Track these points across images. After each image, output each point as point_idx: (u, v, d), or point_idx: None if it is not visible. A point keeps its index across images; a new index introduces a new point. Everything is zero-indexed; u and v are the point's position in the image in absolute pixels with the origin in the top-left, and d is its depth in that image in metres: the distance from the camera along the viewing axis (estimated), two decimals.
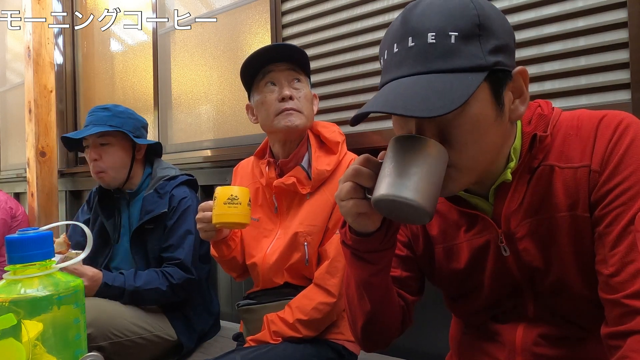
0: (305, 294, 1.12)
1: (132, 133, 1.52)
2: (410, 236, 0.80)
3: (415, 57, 0.57)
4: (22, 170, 2.95)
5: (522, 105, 0.62)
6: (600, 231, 0.60)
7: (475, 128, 0.58)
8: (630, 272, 0.55)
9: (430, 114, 0.52)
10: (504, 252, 0.69)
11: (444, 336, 0.90)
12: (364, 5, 1.64)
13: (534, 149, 0.64)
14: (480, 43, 0.56)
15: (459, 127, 0.57)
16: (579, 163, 0.62)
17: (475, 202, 0.71)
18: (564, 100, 1.25)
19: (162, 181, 1.52)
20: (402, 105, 0.53)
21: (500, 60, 0.57)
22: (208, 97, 2.29)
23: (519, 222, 0.66)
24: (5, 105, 3.50)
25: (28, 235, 0.57)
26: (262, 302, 1.18)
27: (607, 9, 1.19)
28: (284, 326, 1.10)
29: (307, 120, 1.18)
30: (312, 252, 1.14)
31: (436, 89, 0.54)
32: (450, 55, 0.55)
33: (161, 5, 2.49)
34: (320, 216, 1.14)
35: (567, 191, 0.63)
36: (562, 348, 0.69)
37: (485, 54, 0.56)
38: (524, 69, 0.61)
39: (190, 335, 1.50)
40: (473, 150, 0.59)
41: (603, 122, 0.61)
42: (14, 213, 2.37)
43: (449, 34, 0.55)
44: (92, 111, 1.54)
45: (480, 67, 0.56)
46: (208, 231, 1.10)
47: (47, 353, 0.55)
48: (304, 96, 1.19)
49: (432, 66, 0.56)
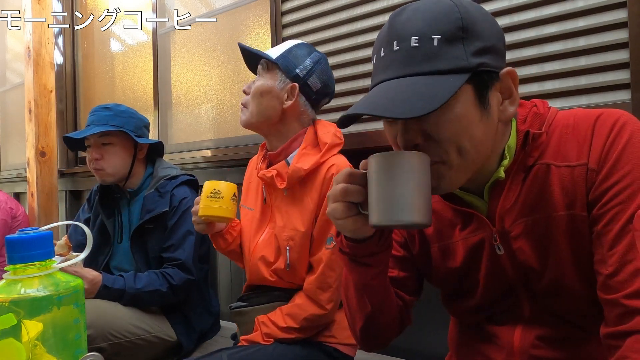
0: (298, 303, 1.12)
1: (133, 132, 1.52)
2: (406, 236, 0.80)
3: (400, 61, 0.58)
4: (22, 170, 2.95)
5: (511, 105, 0.63)
6: (598, 230, 0.59)
7: (459, 127, 0.58)
8: (629, 271, 0.55)
9: (409, 114, 0.53)
10: (497, 251, 0.69)
11: (443, 336, 0.90)
12: (364, 5, 1.64)
13: (528, 147, 0.64)
14: (464, 45, 0.57)
15: (442, 126, 0.58)
16: (576, 162, 0.61)
17: (470, 200, 0.71)
18: (564, 100, 1.25)
19: (163, 180, 1.52)
20: (385, 108, 0.55)
21: (485, 62, 0.58)
22: (208, 97, 2.29)
23: (514, 221, 0.66)
24: (5, 105, 3.50)
25: (28, 235, 0.57)
26: (253, 305, 1.18)
27: (607, 9, 1.19)
28: (275, 328, 1.10)
29: (252, 116, 1.16)
30: (294, 258, 1.11)
31: (417, 90, 0.55)
32: (433, 58, 0.57)
33: (161, 5, 2.49)
34: (300, 220, 1.11)
35: (564, 190, 0.62)
36: (560, 350, 0.68)
37: (469, 56, 0.57)
38: (512, 70, 0.61)
39: (190, 336, 1.50)
40: (459, 148, 0.59)
41: (599, 121, 0.61)
42: (14, 213, 2.37)
43: (431, 37, 0.57)
44: (93, 111, 1.54)
45: (463, 68, 0.57)
46: (199, 224, 1.15)
47: (47, 353, 0.55)
48: (254, 91, 1.16)
49: (416, 69, 0.57)
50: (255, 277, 1.20)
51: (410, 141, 0.60)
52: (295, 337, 1.10)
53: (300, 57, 1.16)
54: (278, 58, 1.15)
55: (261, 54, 1.16)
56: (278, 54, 1.16)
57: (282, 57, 1.15)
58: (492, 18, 0.62)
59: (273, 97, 1.15)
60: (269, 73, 1.16)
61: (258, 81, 1.16)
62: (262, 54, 1.16)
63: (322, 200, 1.09)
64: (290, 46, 1.17)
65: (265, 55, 1.16)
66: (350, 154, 1.23)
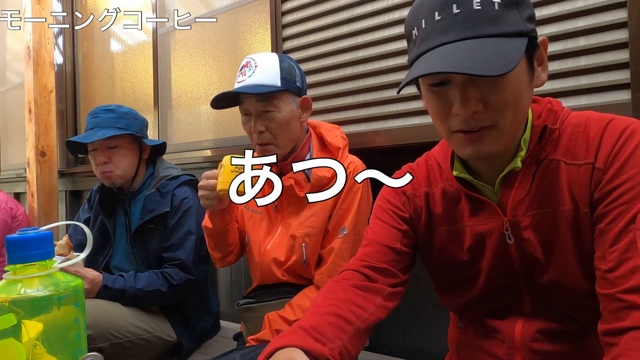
0: (307, 294, 1.13)
1: (138, 134, 1.52)
2: (412, 213, 0.81)
3: (463, 23, 0.58)
4: (22, 170, 2.95)
5: (543, 72, 0.66)
6: (601, 228, 0.60)
7: (516, 91, 0.60)
8: (628, 267, 0.56)
9: (495, 72, 0.54)
10: (508, 240, 0.70)
11: (444, 336, 0.90)
12: (364, 5, 1.64)
13: (542, 141, 0.67)
14: (519, 11, 0.59)
15: (502, 90, 0.60)
16: (583, 161, 0.64)
17: (482, 190, 0.72)
18: (564, 100, 1.24)
19: (164, 180, 1.52)
20: (465, 66, 0.55)
21: (534, 28, 0.61)
22: (208, 97, 2.28)
23: (524, 212, 0.68)
24: (5, 105, 3.50)
25: (28, 235, 0.57)
26: (262, 301, 1.18)
27: (607, 9, 1.19)
28: (286, 325, 1.10)
29: (283, 148, 1.17)
30: (310, 253, 1.14)
31: (491, 51, 0.56)
32: (497, 21, 0.57)
33: (161, 5, 2.49)
34: (319, 218, 1.14)
35: (571, 186, 0.64)
36: (561, 343, 0.69)
37: (524, 21, 0.59)
38: (545, 38, 0.65)
39: (190, 336, 1.50)
40: (513, 113, 0.61)
41: (611, 125, 0.63)
42: (14, 213, 2.37)
43: (492, 1, 0.57)
44: (94, 113, 1.50)
45: (522, 32, 0.59)
46: (210, 199, 1.11)
47: (47, 353, 0.55)
48: (277, 123, 1.14)
49: (481, 31, 0.57)
50: (266, 277, 1.20)
51: (471, 109, 0.60)
52: None
53: (291, 70, 1.16)
54: (283, 83, 1.13)
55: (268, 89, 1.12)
56: (278, 78, 1.13)
57: (284, 79, 1.14)
58: None
59: (295, 120, 1.17)
60: (275, 100, 1.14)
61: (277, 112, 1.13)
62: (270, 89, 1.12)
63: (339, 196, 1.13)
64: (278, 65, 1.14)
65: (272, 88, 1.12)
66: (351, 154, 1.23)
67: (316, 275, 1.14)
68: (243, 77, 1.14)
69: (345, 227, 1.12)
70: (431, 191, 0.79)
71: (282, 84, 1.13)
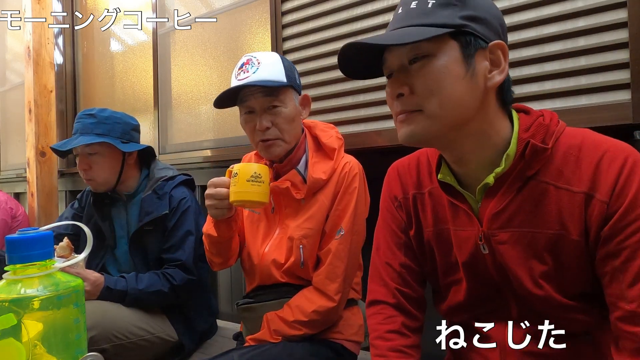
0: (306, 295, 1.12)
1: (120, 139, 1.48)
2: (405, 219, 0.83)
3: (401, 18, 0.69)
4: (22, 170, 2.95)
5: (499, 75, 0.67)
6: (617, 266, 0.62)
7: (439, 79, 0.64)
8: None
9: (398, 41, 0.65)
10: (482, 250, 0.71)
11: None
12: (364, 5, 1.64)
13: (529, 157, 0.66)
14: (455, 10, 0.65)
15: (427, 76, 0.65)
16: (578, 189, 0.64)
17: (466, 196, 0.73)
18: (564, 100, 1.25)
19: (161, 182, 1.50)
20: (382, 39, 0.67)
21: (471, 26, 0.65)
22: (208, 97, 2.29)
23: (501, 227, 0.69)
24: (5, 105, 3.50)
25: (28, 235, 0.57)
26: (262, 301, 1.18)
27: (607, 9, 1.19)
28: (284, 325, 1.10)
29: (289, 143, 1.16)
30: (307, 255, 1.13)
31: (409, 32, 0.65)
32: (424, 15, 0.66)
33: (161, 5, 2.49)
34: (316, 220, 1.14)
35: (560, 212, 0.65)
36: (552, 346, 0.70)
37: (456, 17, 0.65)
38: (503, 44, 0.67)
39: (191, 336, 1.50)
40: (438, 99, 0.65)
41: (607, 155, 0.63)
42: (14, 213, 2.37)
43: (427, 2, 0.67)
44: (78, 117, 1.49)
45: (447, 25, 0.64)
46: (220, 209, 1.06)
47: (47, 353, 0.55)
48: (284, 118, 1.13)
49: (411, 22, 0.67)
50: (266, 279, 1.20)
51: (396, 91, 0.68)
52: (304, 333, 1.10)
53: (292, 68, 1.17)
54: (287, 79, 1.13)
55: (276, 83, 1.12)
56: (282, 74, 1.13)
57: (288, 76, 1.14)
58: (493, 4, 0.70)
59: (298, 117, 1.18)
60: (282, 96, 1.13)
61: (283, 107, 1.13)
62: (277, 83, 1.12)
63: (336, 197, 1.13)
64: (280, 61, 1.14)
65: (278, 83, 1.12)
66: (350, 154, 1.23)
67: (314, 276, 1.13)
68: (245, 74, 1.12)
69: (342, 228, 1.12)
70: (420, 193, 0.81)
71: (287, 80, 1.13)
